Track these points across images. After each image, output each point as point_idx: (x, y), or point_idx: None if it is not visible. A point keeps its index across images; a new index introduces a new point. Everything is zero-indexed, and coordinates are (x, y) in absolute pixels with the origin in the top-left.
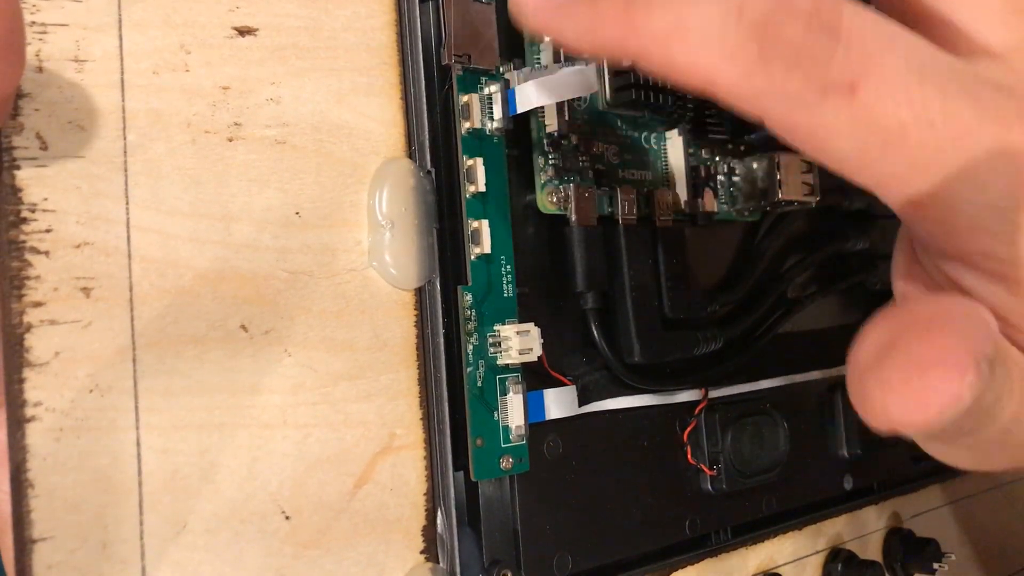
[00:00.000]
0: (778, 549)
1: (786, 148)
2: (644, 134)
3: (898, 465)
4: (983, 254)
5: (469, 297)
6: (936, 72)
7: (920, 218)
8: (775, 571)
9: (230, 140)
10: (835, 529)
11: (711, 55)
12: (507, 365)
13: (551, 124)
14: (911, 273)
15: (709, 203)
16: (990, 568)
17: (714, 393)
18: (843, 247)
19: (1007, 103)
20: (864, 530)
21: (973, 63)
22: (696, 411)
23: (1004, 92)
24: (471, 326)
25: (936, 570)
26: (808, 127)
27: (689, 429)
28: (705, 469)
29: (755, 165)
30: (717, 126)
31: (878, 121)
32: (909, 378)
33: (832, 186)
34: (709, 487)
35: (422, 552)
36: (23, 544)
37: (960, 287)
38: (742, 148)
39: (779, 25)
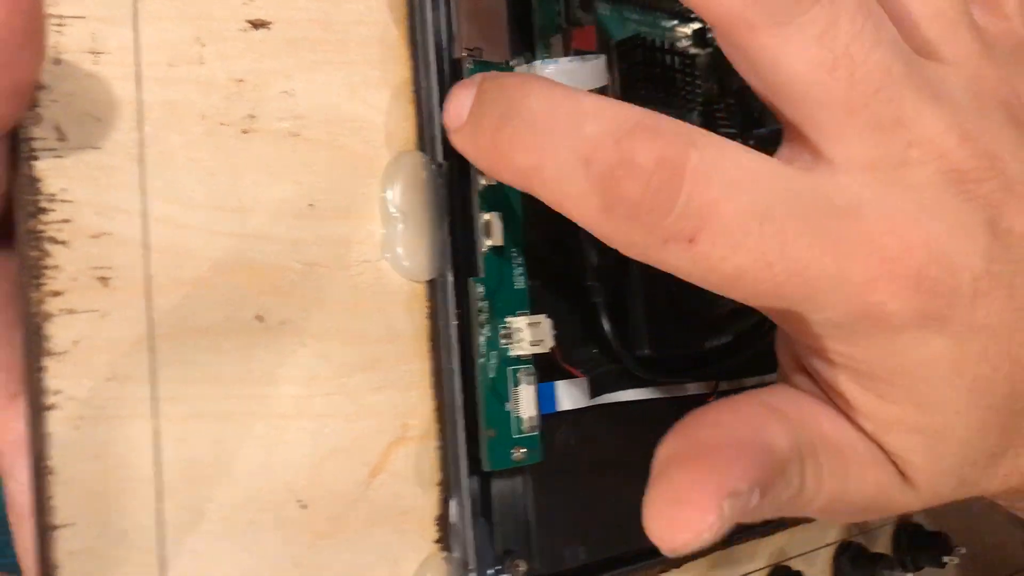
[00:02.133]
0: (788, 542)
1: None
2: None
3: None
4: (829, 351)
5: (481, 289)
6: (781, 210)
7: (775, 320)
8: (785, 564)
9: (245, 132)
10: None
11: (565, 197)
12: (519, 356)
13: None
14: (785, 349)
15: None
16: (1000, 562)
17: (724, 386)
18: None
19: (848, 230)
20: (874, 523)
21: (824, 184)
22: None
23: (848, 218)
24: (483, 318)
25: (946, 563)
26: (657, 264)
27: None
28: None
29: None
30: (726, 119)
31: (717, 267)
32: (665, 509)
33: None
34: None
35: (436, 541)
36: (45, 531)
37: (815, 369)
38: (751, 142)
39: (620, 180)
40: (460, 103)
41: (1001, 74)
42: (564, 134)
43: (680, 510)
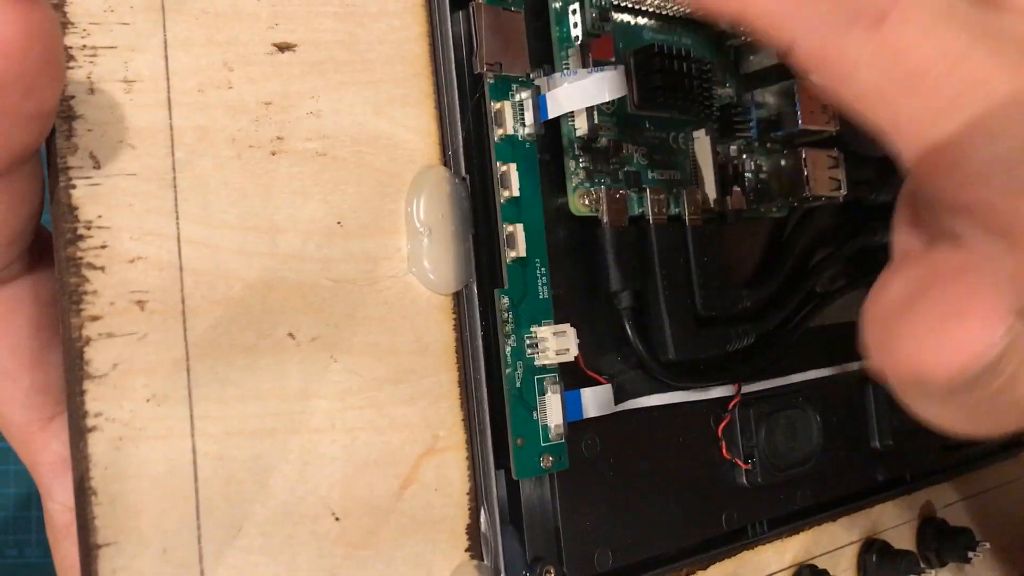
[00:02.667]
0: (813, 541)
1: (813, 144)
2: (672, 134)
3: (930, 455)
4: (988, 207)
5: (506, 300)
6: (963, 17)
7: (929, 165)
8: (811, 562)
9: (273, 154)
10: (869, 520)
11: None
12: (545, 365)
13: (581, 128)
14: (912, 229)
15: (737, 201)
16: None
17: (747, 388)
18: (871, 240)
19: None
20: (897, 520)
21: (1001, 17)
22: (730, 406)
23: None
24: (508, 328)
25: (971, 559)
26: (832, 56)
27: (723, 424)
28: (740, 463)
29: (782, 162)
30: (743, 124)
31: (901, 56)
32: (944, 325)
33: (859, 180)
34: (744, 481)
35: (467, 550)
36: (88, 550)
37: (962, 242)
38: (768, 145)
39: None
40: None
41: None
42: None
43: (960, 324)
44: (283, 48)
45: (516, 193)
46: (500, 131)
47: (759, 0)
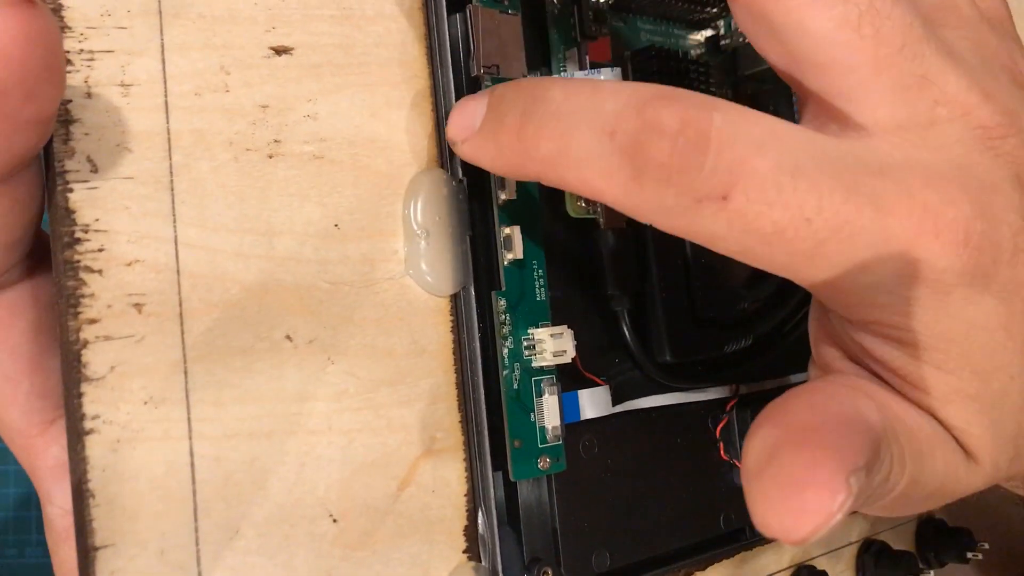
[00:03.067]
0: (812, 541)
1: None
2: None
3: None
4: (879, 323)
5: (503, 302)
6: (812, 167)
7: (818, 294)
8: (809, 563)
9: (270, 157)
10: (867, 520)
11: (592, 175)
12: (542, 367)
13: None
14: (825, 335)
15: None
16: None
17: (745, 389)
18: None
19: (885, 187)
20: (897, 521)
21: (854, 146)
22: (728, 407)
23: (884, 175)
24: (506, 330)
25: (970, 559)
26: (690, 231)
27: (721, 425)
28: (738, 464)
29: None
30: None
31: (753, 224)
32: (785, 496)
33: None
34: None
35: (464, 552)
36: (86, 552)
37: (864, 349)
38: None
39: (646, 144)
40: (470, 113)
41: (999, 41)
42: (586, 114)
43: (803, 494)
44: (280, 51)
45: (513, 195)
46: None
47: (610, 193)
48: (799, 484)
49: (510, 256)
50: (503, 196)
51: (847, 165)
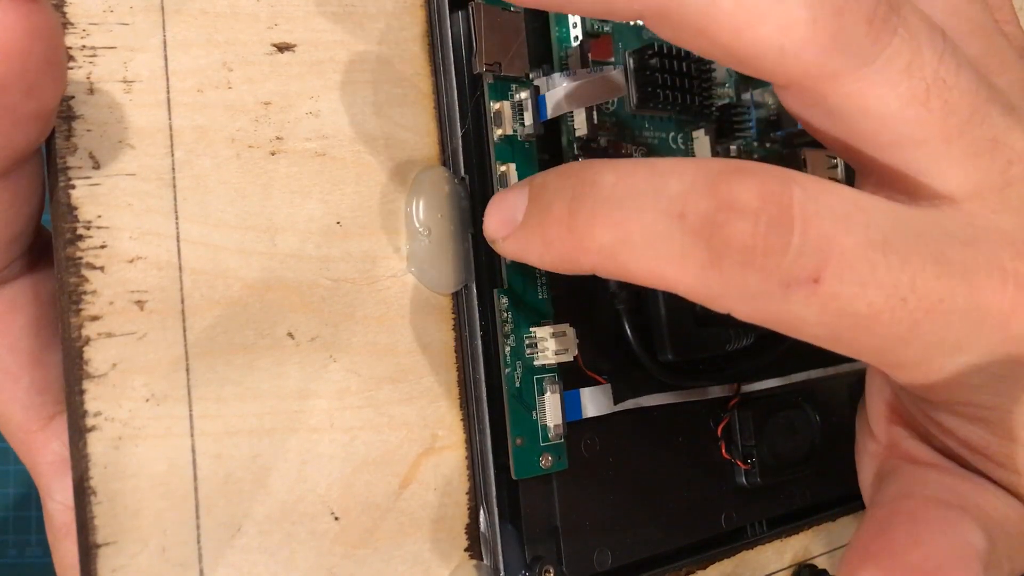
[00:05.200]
0: (813, 541)
1: (812, 144)
2: (671, 134)
3: None
4: (966, 404)
5: (505, 300)
6: (900, 242)
7: (903, 377)
8: (810, 562)
9: (273, 154)
10: None
11: (662, 264)
12: (544, 365)
13: (581, 128)
14: (892, 414)
15: None
16: None
17: (747, 388)
18: None
19: (974, 259)
20: None
21: (933, 215)
22: (729, 406)
23: (970, 247)
24: (508, 328)
25: None
26: (777, 319)
27: (723, 424)
28: (739, 463)
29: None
30: (742, 124)
31: (848, 308)
32: None
33: None
34: (744, 481)
35: (466, 550)
36: (88, 549)
37: (944, 429)
38: (768, 145)
39: (725, 225)
40: (509, 207)
41: None
42: (648, 196)
43: None
44: (282, 48)
45: None
46: (499, 131)
47: (682, 281)
48: None
49: None
50: None
51: (933, 237)
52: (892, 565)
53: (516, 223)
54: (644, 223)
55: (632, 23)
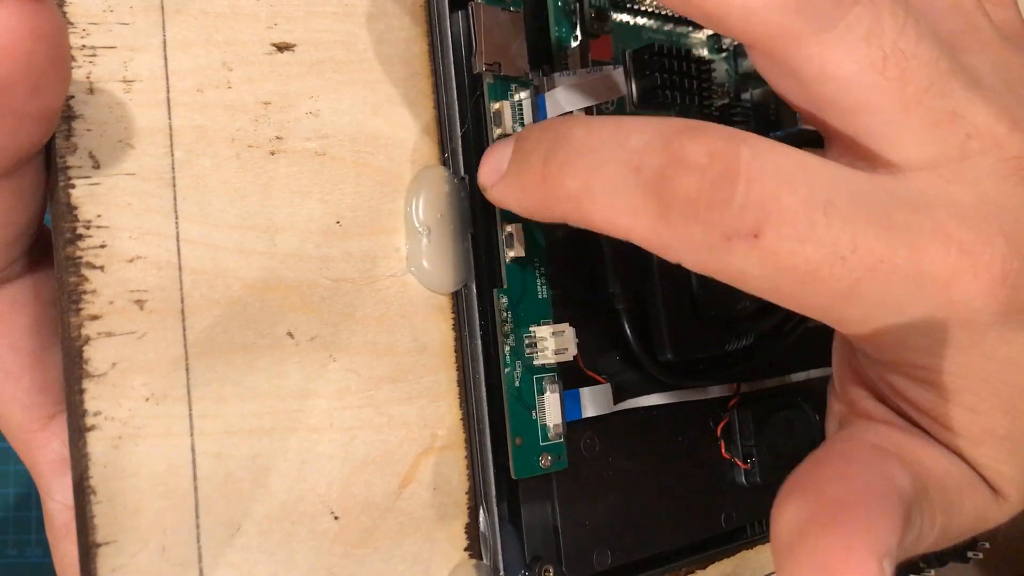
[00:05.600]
0: None
1: (813, 143)
2: None
3: None
4: (911, 365)
5: (505, 300)
6: (844, 203)
7: (850, 335)
8: None
9: (272, 153)
10: None
11: (618, 213)
12: (543, 365)
13: None
14: (852, 374)
15: None
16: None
17: (746, 388)
18: None
19: (919, 224)
20: None
21: (886, 182)
22: (729, 406)
23: (918, 212)
24: (507, 328)
25: (970, 559)
26: (721, 270)
27: (722, 424)
28: (739, 463)
29: None
30: (743, 123)
31: (786, 262)
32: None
33: None
34: (743, 480)
35: (466, 549)
36: (87, 548)
37: (894, 389)
38: None
39: (673, 179)
40: (497, 157)
41: (1020, 60)
42: (611, 150)
43: None
44: (282, 48)
45: None
46: (499, 131)
47: (637, 231)
48: (832, 568)
49: (512, 254)
50: None
51: (880, 201)
52: (816, 497)
53: (501, 172)
54: (605, 175)
55: (631, 23)
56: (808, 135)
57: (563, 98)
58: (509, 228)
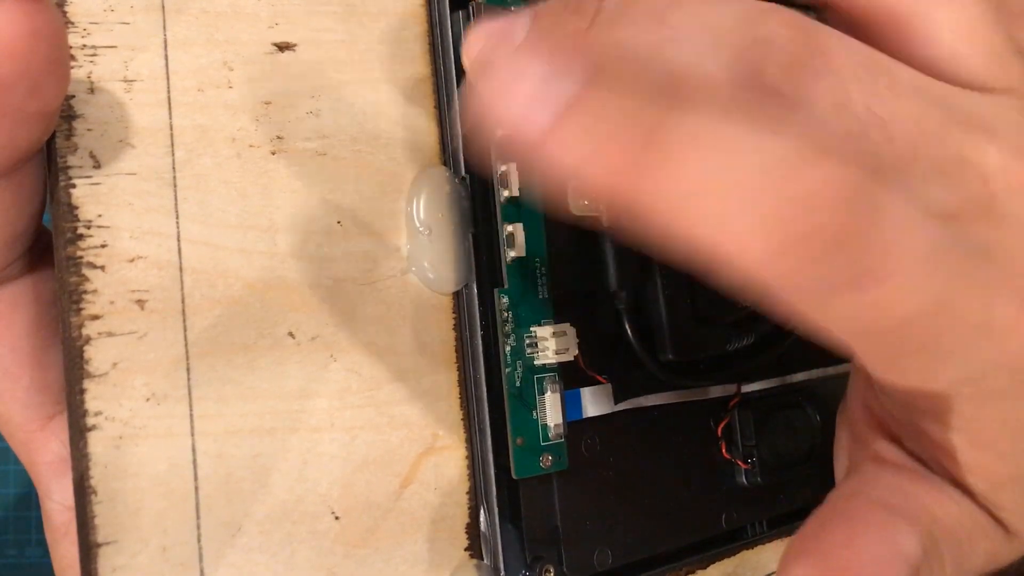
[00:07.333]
0: None
1: None
2: None
3: None
4: (954, 413)
5: (505, 299)
6: (945, 249)
7: (886, 380)
8: None
9: (273, 153)
10: None
11: (738, 225)
12: (544, 365)
13: None
14: (869, 415)
15: None
16: None
17: (747, 388)
18: None
19: (985, 273)
20: None
21: (989, 236)
22: (730, 406)
23: (980, 259)
24: (508, 328)
25: None
26: (824, 317)
27: (723, 424)
28: (740, 463)
29: None
30: None
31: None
32: None
33: None
34: (744, 481)
35: (467, 549)
36: (88, 548)
37: (922, 431)
38: None
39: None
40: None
41: None
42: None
43: None
44: (283, 48)
45: (516, 193)
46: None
47: (750, 254)
48: None
49: (513, 254)
50: (506, 193)
51: (955, 247)
52: (823, 563)
53: (561, 103)
54: (745, 168)
55: None
56: None
57: None
58: (510, 228)
